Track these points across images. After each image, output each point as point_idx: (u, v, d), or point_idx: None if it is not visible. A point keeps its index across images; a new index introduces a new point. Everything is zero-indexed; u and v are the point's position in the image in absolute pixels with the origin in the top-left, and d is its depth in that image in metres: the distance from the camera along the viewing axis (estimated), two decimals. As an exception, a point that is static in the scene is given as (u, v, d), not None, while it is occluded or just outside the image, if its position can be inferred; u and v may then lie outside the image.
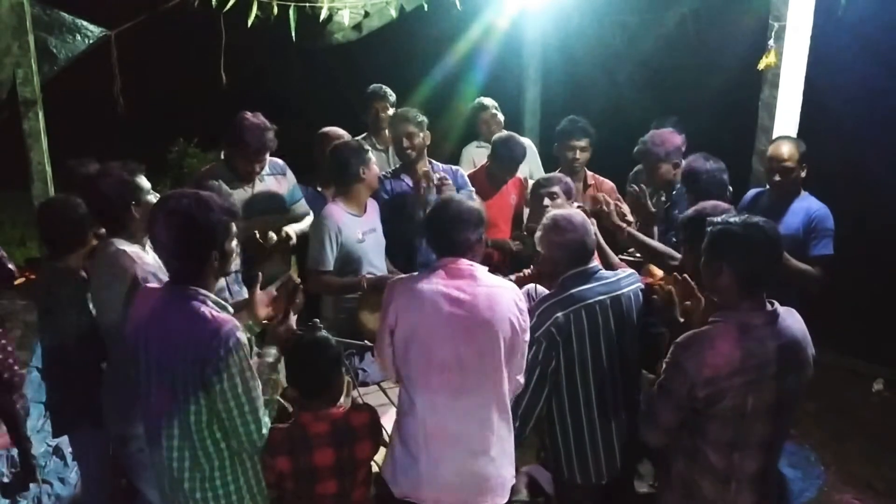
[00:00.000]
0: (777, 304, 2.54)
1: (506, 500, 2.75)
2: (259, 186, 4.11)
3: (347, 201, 3.96)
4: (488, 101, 5.63)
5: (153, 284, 2.72)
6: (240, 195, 4.00)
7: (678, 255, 3.58)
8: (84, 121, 7.31)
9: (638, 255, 3.79)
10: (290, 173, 4.35)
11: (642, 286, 3.10)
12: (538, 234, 3.10)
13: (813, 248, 3.83)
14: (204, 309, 2.41)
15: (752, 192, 4.24)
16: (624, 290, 2.99)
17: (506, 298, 2.70)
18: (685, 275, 2.89)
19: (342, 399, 2.86)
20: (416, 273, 2.84)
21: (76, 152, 4.06)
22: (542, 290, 3.30)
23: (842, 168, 4.72)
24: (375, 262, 4.01)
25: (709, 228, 2.56)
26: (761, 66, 4.21)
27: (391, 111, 5.12)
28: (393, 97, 5.23)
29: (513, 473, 2.78)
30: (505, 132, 4.98)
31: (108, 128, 6.80)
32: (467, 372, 2.65)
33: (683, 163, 3.98)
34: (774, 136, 4.21)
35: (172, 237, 2.43)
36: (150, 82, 7.12)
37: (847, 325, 4.71)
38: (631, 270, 3.16)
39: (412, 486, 2.68)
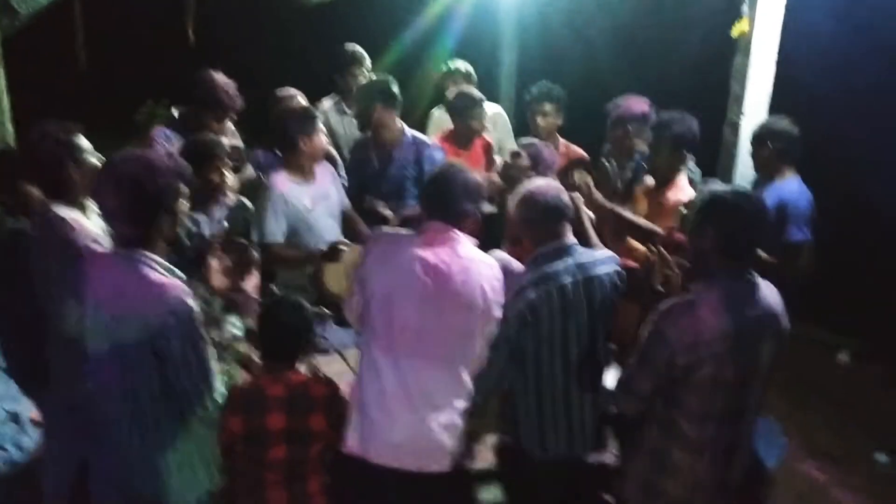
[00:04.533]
0: (757, 276, 2.54)
1: (445, 468, 2.72)
2: None
3: (292, 168, 3.86)
4: (459, 65, 5.47)
5: (97, 249, 2.65)
6: None
7: (660, 231, 3.56)
8: (48, 80, 7.12)
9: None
10: (237, 136, 4.38)
11: (619, 268, 3.04)
12: (512, 199, 3.02)
13: (784, 234, 3.80)
14: (153, 274, 2.35)
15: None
16: (598, 270, 2.92)
17: (482, 273, 2.67)
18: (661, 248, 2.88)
19: (302, 366, 2.82)
20: (402, 231, 2.79)
21: (39, 113, 3.96)
22: (513, 264, 3.26)
23: (813, 138, 4.68)
24: (328, 230, 3.92)
25: (698, 195, 2.57)
26: (734, 33, 4.15)
27: (367, 75, 5.05)
28: (368, 60, 5.15)
29: (459, 445, 2.75)
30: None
31: (73, 88, 6.66)
32: (429, 339, 2.62)
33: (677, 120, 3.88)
34: (745, 106, 4.18)
35: (119, 203, 2.36)
36: (117, 41, 6.94)
37: (813, 296, 4.71)
38: (608, 251, 3.10)
39: (362, 443, 2.65)
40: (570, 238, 2.96)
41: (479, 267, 2.68)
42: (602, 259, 2.97)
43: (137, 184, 2.33)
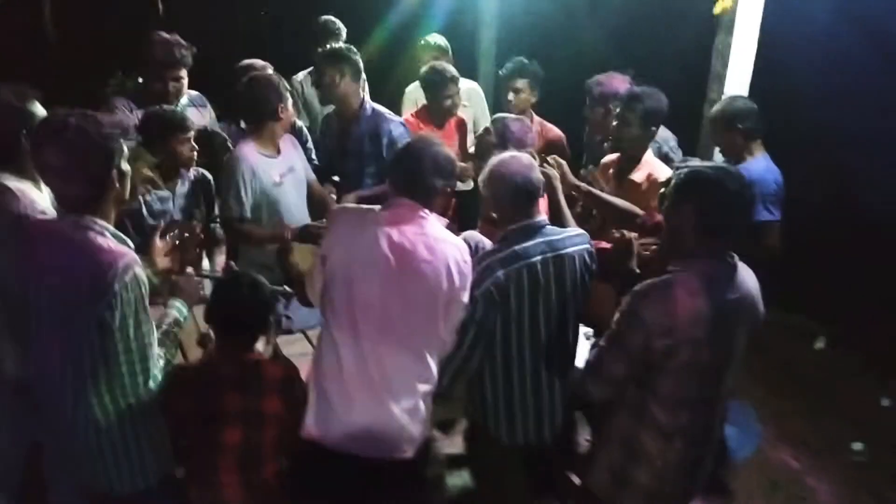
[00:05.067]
0: (736, 258, 2.44)
1: (408, 455, 2.60)
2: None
3: (261, 140, 3.65)
4: (435, 40, 5.29)
5: (43, 218, 2.50)
6: None
7: (640, 212, 3.45)
8: (14, 51, 6.91)
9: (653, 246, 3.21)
10: (209, 106, 4.24)
11: (591, 247, 2.94)
12: (482, 176, 2.92)
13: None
14: (100, 240, 2.21)
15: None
16: (569, 249, 2.82)
17: (447, 254, 2.54)
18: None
19: (262, 346, 2.70)
20: (366, 206, 2.65)
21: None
22: (486, 244, 3.16)
23: (795, 119, 4.61)
24: (295, 205, 3.76)
25: (676, 172, 2.45)
26: (717, 10, 4.05)
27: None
28: (343, 32, 5.04)
29: (423, 431, 2.64)
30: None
31: (40, 60, 6.46)
32: (391, 319, 2.50)
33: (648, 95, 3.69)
34: (727, 85, 4.09)
35: (65, 156, 2.19)
36: (85, 11, 6.75)
37: (790, 281, 4.68)
38: (580, 230, 3.00)
39: (319, 428, 2.53)
40: (541, 216, 2.85)
41: (447, 247, 2.56)
42: (573, 237, 2.87)
43: (82, 131, 2.18)
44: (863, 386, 4.90)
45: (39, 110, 2.85)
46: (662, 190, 2.53)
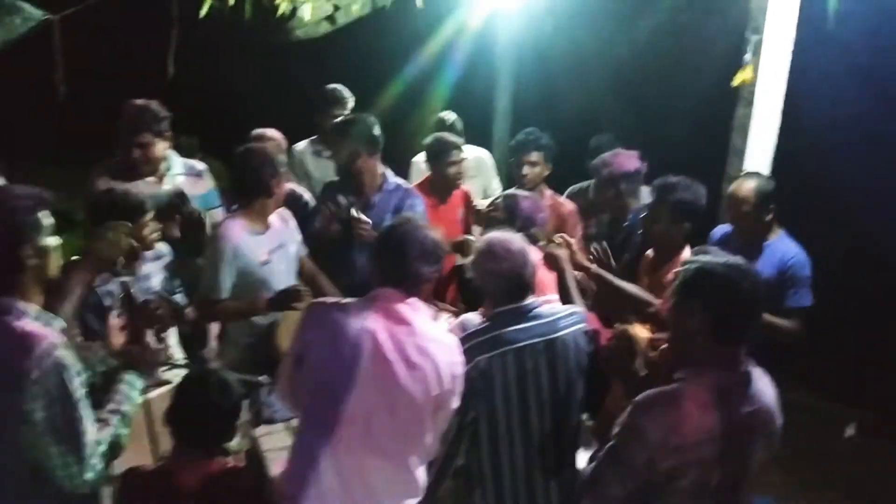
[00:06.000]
0: (751, 363, 2.20)
1: None
2: (168, 186, 3.77)
3: (250, 217, 3.47)
4: (450, 117, 5.22)
5: None
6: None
7: (655, 301, 3.20)
8: (24, 111, 6.93)
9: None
10: (208, 177, 4.04)
11: (588, 328, 2.72)
12: (471, 258, 2.74)
13: (788, 299, 3.47)
14: (17, 324, 2.03)
15: (720, 229, 3.83)
16: (562, 332, 2.61)
17: (439, 356, 2.34)
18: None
19: (237, 441, 2.49)
20: (345, 300, 2.45)
21: (17, 144, 3.72)
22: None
23: (820, 196, 4.38)
24: (283, 283, 3.53)
25: (684, 267, 2.23)
26: (736, 82, 3.87)
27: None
28: (351, 100, 4.92)
29: None
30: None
31: (50, 120, 6.45)
32: (375, 427, 2.29)
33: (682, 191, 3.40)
34: (747, 160, 3.88)
35: None
36: (96, 73, 6.75)
37: (818, 363, 4.42)
38: (574, 308, 2.80)
39: None
40: (532, 298, 2.65)
41: (438, 348, 2.35)
42: (565, 317, 2.67)
43: None
44: (897, 479, 4.57)
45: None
46: (673, 281, 2.31)
